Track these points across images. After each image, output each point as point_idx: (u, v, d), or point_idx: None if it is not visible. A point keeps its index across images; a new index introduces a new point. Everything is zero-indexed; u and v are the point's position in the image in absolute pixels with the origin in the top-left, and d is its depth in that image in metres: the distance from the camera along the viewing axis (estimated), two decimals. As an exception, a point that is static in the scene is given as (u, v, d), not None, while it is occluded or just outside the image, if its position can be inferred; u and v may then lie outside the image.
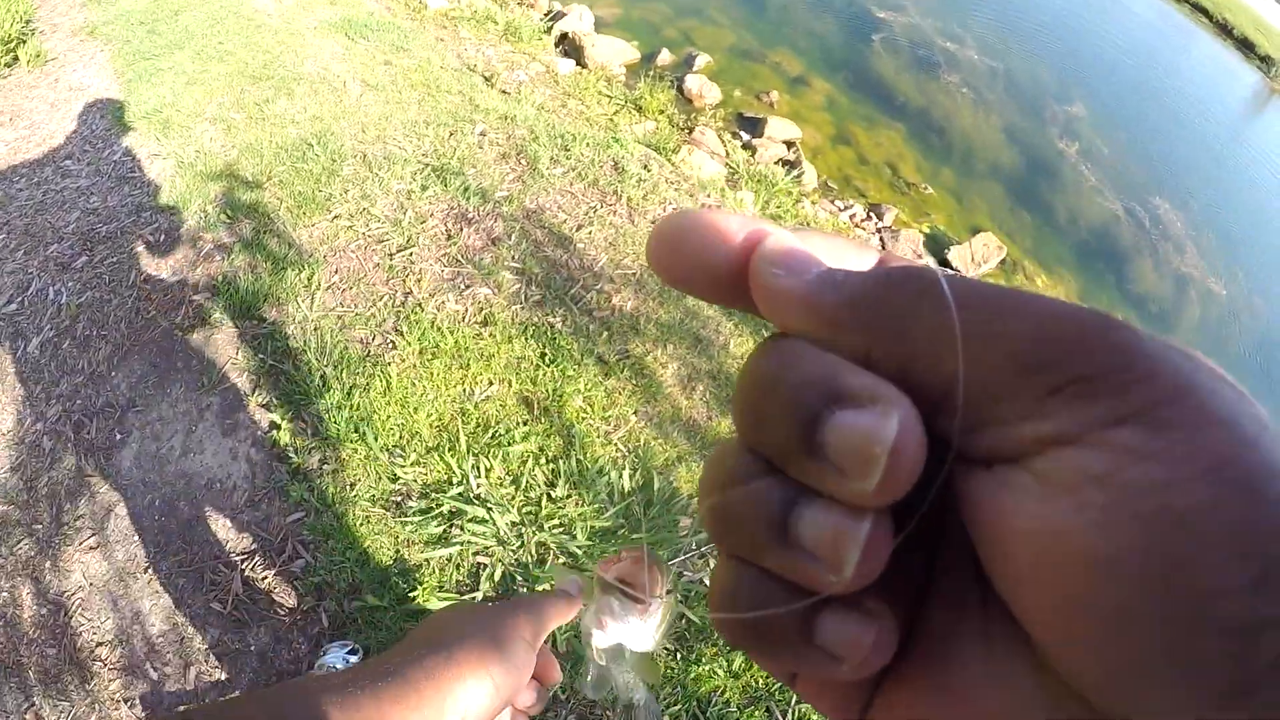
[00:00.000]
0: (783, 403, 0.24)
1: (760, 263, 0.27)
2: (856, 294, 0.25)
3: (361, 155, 4.33)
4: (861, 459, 0.22)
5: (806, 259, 0.27)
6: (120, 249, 3.74)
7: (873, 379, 0.23)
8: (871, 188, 7.43)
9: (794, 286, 0.26)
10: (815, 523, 0.23)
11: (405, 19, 6.44)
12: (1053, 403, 0.21)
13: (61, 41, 5.61)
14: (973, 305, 0.22)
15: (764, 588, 0.25)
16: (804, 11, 11.13)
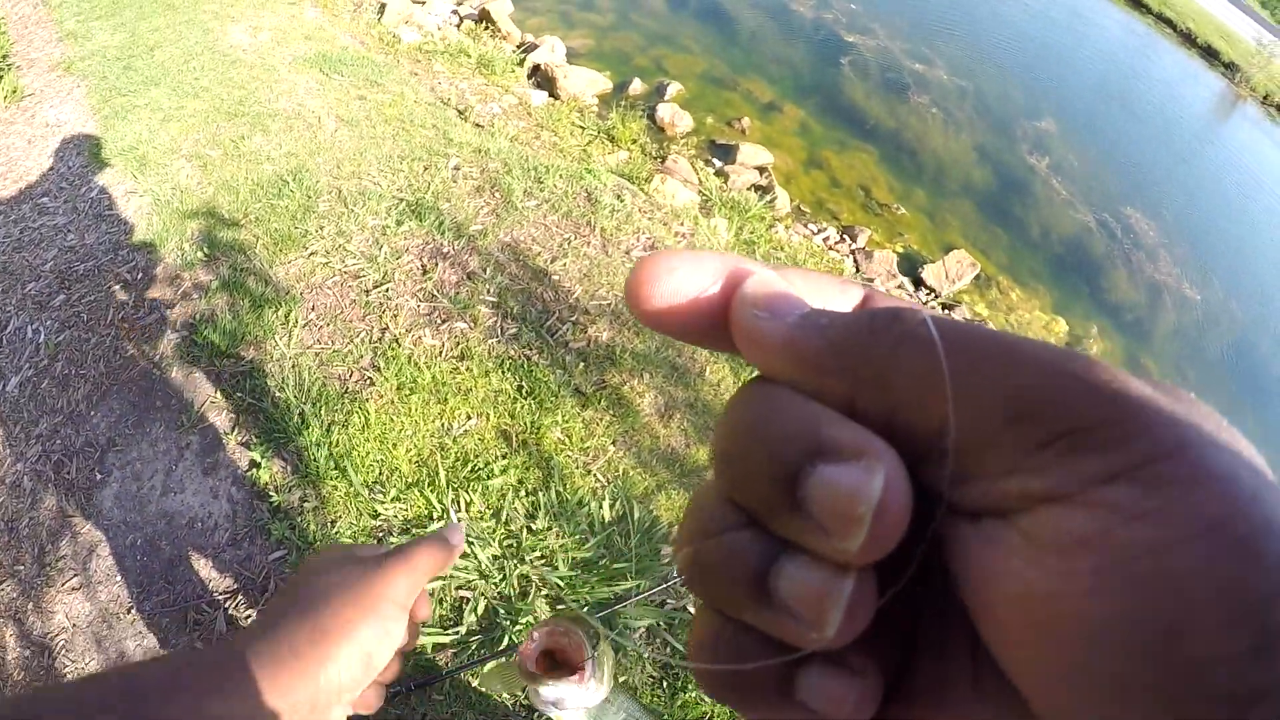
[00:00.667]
0: (763, 455, 0.24)
1: (741, 305, 0.27)
2: (839, 338, 0.24)
3: (337, 191, 4.36)
4: (845, 517, 0.21)
5: (789, 300, 0.26)
6: (98, 287, 3.74)
7: (856, 431, 0.23)
8: (845, 210, 7.51)
9: (775, 330, 0.26)
10: (796, 580, 0.23)
11: (379, 54, 6.48)
12: (1042, 457, 0.20)
13: (38, 77, 5.62)
14: (960, 349, 0.22)
15: (743, 641, 0.25)
16: (774, 38, 11.25)
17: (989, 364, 0.22)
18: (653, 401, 3.58)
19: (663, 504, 3.18)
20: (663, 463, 3.36)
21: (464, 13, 8.59)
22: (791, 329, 0.25)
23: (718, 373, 3.86)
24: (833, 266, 6.12)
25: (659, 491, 3.22)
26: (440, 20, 8.15)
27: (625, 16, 10.36)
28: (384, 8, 7.67)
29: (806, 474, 0.22)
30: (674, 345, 3.89)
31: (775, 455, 0.23)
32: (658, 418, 3.53)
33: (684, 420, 3.56)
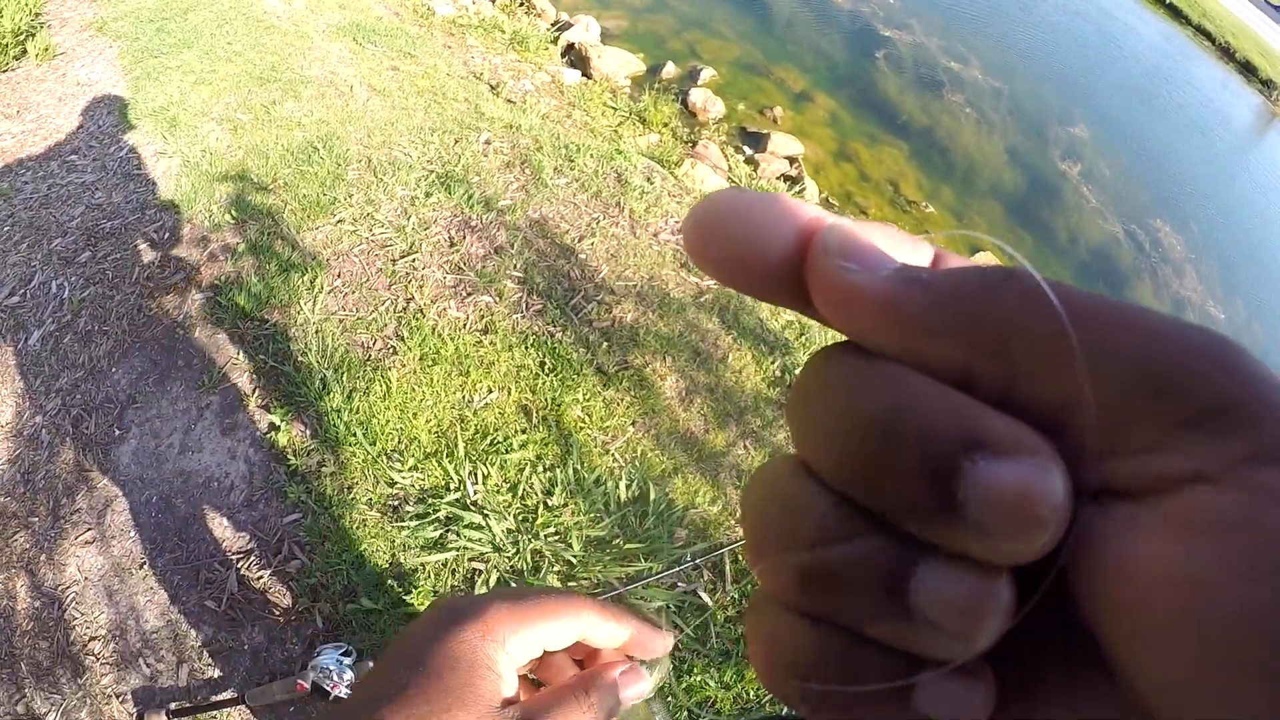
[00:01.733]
0: (907, 451, 0.20)
1: (824, 255, 0.23)
2: (949, 295, 0.21)
3: (367, 160, 4.35)
4: (1021, 519, 0.19)
5: (877, 250, 0.23)
6: (124, 245, 3.75)
7: (1014, 422, 0.20)
8: (872, 205, 7.45)
9: (870, 284, 0.22)
10: (943, 589, 0.20)
11: (413, 25, 6.47)
12: (1186, 435, 0.18)
13: (70, 36, 5.63)
14: (1087, 316, 0.19)
15: (859, 655, 0.22)
16: (809, 28, 11.17)
17: (1121, 334, 0.19)
18: (675, 385, 3.56)
19: (679, 487, 3.16)
20: (682, 446, 3.34)
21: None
22: (889, 284, 0.22)
23: (740, 359, 3.83)
24: None
25: (676, 474, 3.21)
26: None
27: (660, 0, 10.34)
28: (419, -20, 7.68)
29: (965, 472, 0.19)
30: (698, 329, 3.87)
31: (923, 451, 0.20)
32: (679, 401, 3.51)
33: (705, 405, 3.54)
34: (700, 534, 3.02)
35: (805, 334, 4.17)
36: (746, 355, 3.88)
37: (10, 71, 5.16)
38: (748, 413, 3.59)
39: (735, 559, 2.98)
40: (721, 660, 2.71)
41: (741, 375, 3.78)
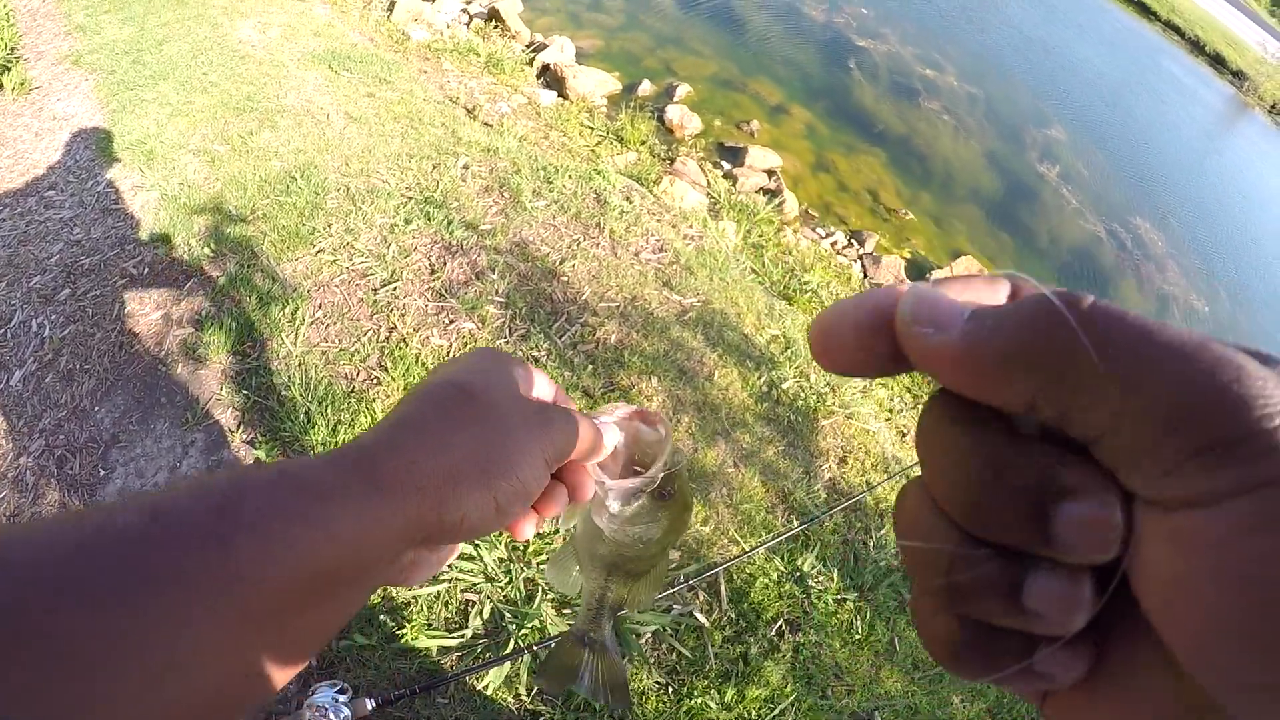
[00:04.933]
0: (1014, 504, 0.27)
1: (904, 325, 0.30)
2: (1010, 346, 0.27)
3: (345, 189, 4.34)
4: (1093, 540, 0.26)
5: (947, 306, 0.29)
6: (104, 282, 3.72)
7: (1085, 472, 0.27)
8: (852, 214, 7.52)
9: (946, 344, 0.28)
10: (1044, 591, 0.28)
11: (388, 51, 6.46)
12: (1191, 465, 0.23)
13: (46, 70, 5.60)
14: (1121, 352, 0.25)
15: (995, 638, 0.30)
16: (783, 40, 11.26)
17: (1149, 367, 0.24)
18: (661, 404, 3.55)
19: (670, 508, 3.14)
20: (671, 466, 3.32)
21: (473, 11, 8.57)
22: (961, 341, 0.28)
23: (727, 376, 3.83)
24: (840, 271, 6.10)
25: (667, 495, 3.18)
26: (449, 18, 8.13)
27: (634, 18, 10.35)
28: (393, 5, 7.65)
29: (1054, 514, 0.27)
30: (683, 348, 3.87)
31: (1021, 502, 0.27)
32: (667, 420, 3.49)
33: (693, 423, 3.53)
34: (694, 554, 3.00)
35: (791, 348, 4.19)
36: (733, 372, 3.87)
37: None
38: (737, 429, 3.58)
39: (730, 578, 2.97)
40: (721, 681, 2.69)
41: (729, 392, 3.77)
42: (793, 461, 3.56)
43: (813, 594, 3.04)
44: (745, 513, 3.21)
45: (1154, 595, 0.26)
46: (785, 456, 3.56)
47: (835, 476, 3.62)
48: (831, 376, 4.09)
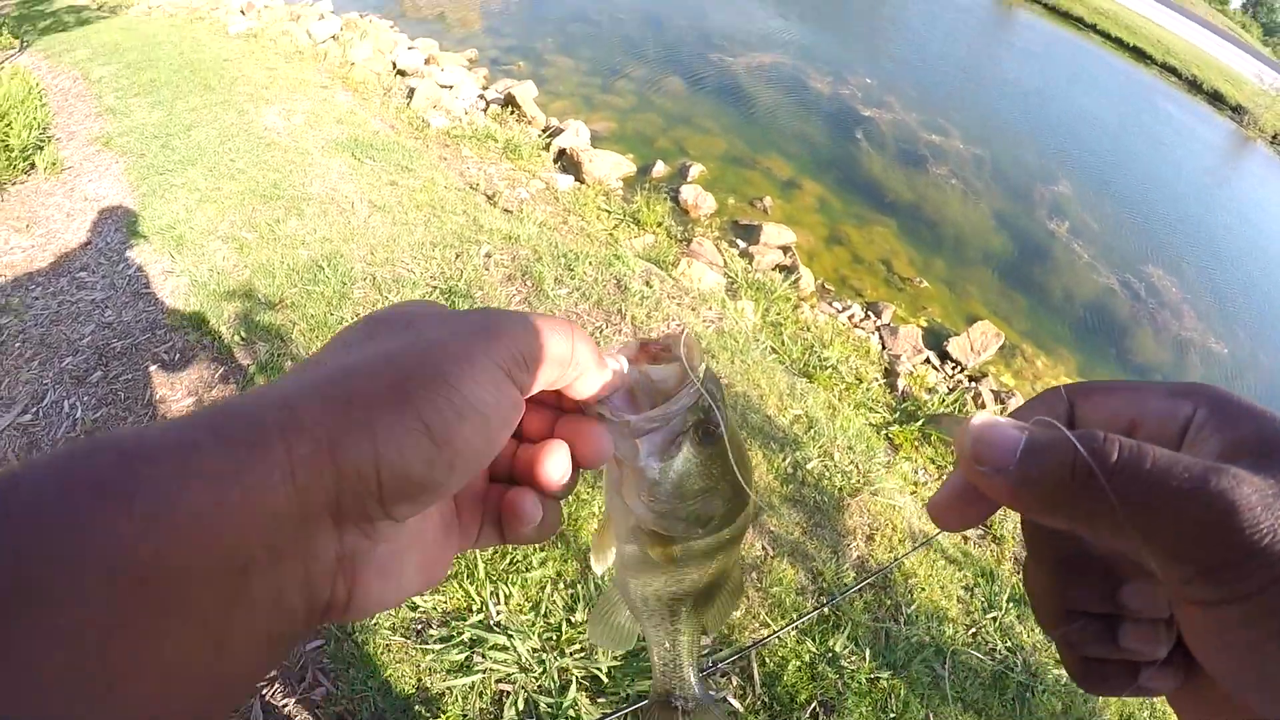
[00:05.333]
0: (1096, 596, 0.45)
1: (968, 464, 0.41)
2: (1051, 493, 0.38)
3: (371, 278, 4.48)
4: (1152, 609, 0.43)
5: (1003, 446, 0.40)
6: (135, 366, 3.83)
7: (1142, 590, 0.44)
8: (868, 286, 7.63)
9: (1001, 484, 0.40)
10: (1134, 636, 0.44)
11: (409, 138, 6.67)
12: (1198, 582, 0.35)
13: (78, 150, 5.80)
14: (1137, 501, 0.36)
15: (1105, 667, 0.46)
16: (791, 114, 11.57)
17: (1161, 515, 0.35)
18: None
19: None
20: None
21: (490, 97, 8.89)
22: (1012, 484, 0.39)
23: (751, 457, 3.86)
24: (858, 345, 6.14)
25: (694, 583, 3.22)
26: (467, 105, 8.41)
27: (645, 99, 10.71)
28: (413, 92, 7.94)
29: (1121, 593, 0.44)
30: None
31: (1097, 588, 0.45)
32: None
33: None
34: (725, 639, 3.05)
35: (814, 427, 4.25)
36: (757, 454, 3.95)
37: (19, 184, 5.31)
38: (763, 512, 3.63)
39: (761, 661, 3.02)
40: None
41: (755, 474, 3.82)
42: (820, 542, 3.60)
43: (845, 674, 3.07)
44: (775, 596, 3.25)
45: (1193, 649, 0.40)
46: (812, 537, 3.61)
47: (864, 554, 3.65)
48: (856, 455, 4.17)
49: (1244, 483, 0.34)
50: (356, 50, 9.62)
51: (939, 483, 4.35)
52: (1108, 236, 10.99)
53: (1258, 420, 0.39)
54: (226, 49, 8.66)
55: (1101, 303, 9.30)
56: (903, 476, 4.39)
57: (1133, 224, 11.97)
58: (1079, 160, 14.11)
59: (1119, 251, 10.62)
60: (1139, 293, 9.67)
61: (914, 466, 4.63)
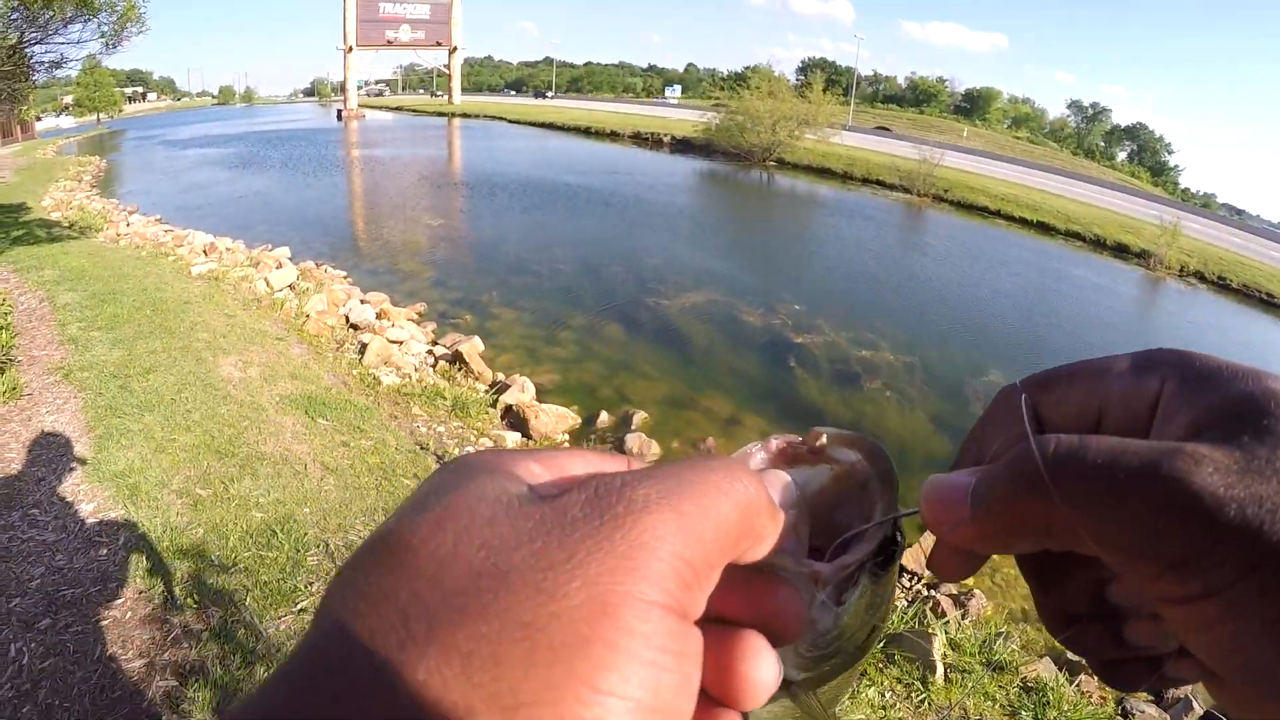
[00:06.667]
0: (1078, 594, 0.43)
1: (933, 528, 0.42)
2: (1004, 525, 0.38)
3: (324, 545, 4.77)
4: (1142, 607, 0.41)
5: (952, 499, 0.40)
6: (86, 618, 3.97)
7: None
8: None
9: (964, 535, 0.39)
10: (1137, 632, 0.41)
11: (361, 395, 7.25)
12: (1165, 578, 0.33)
13: (37, 378, 6.19)
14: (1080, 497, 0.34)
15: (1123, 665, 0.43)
16: (727, 351, 12.47)
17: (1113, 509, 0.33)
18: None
19: None
20: None
21: (439, 353, 9.69)
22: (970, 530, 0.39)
23: None
24: None
25: None
26: (417, 361, 9.17)
27: (586, 347, 11.69)
28: (364, 348, 8.67)
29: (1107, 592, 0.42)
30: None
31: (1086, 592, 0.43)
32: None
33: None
34: None
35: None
36: None
37: None
38: None
39: None
40: None
41: None
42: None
43: None
44: None
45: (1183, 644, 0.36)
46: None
47: None
48: None
49: (1202, 462, 0.32)
50: (311, 302, 10.43)
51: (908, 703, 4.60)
52: None
53: (1227, 383, 0.37)
54: (188, 290, 9.35)
55: None
56: (870, 705, 4.26)
57: None
58: (1006, 346, 15.19)
59: None
60: None
61: (879, 690, 4.43)
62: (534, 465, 0.34)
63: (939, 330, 15.42)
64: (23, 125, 48.84)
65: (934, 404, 11.52)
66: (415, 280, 15.19)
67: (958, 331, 15.69)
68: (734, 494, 0.32)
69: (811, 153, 45.08)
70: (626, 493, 0.30)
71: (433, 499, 0.31)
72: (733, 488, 0.33)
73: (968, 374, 12.89)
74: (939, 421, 10.97)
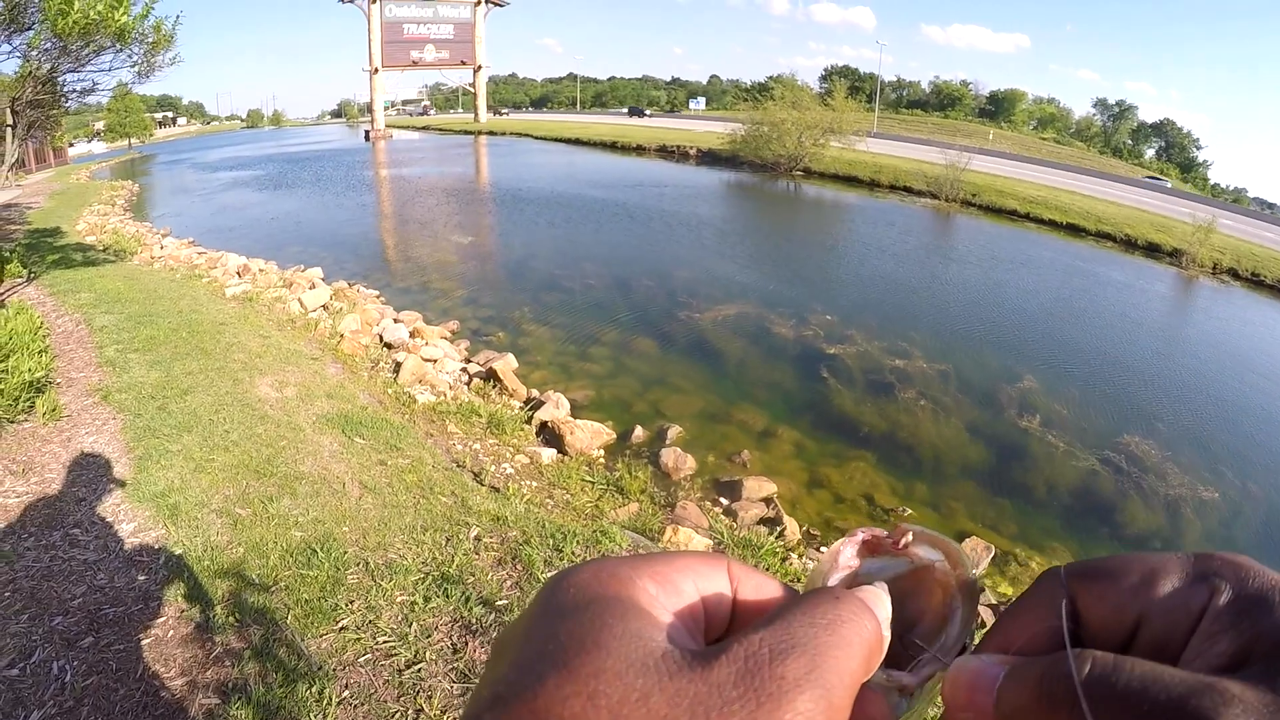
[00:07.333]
0: None
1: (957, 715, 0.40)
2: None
3: (364, 563, 4.74)
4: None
5: (981, 691, 0.39)
6: (128, 636, 3.97)
7: None
8: (853, 524, 7.32)
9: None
10: None
11: (396, 414, 7.23)
12: None
13: (75, 400, 6.23)
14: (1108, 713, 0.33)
15: None
16: (760, 363, 12.48)
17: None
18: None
19: None
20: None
21: (473, 371, 9.72)
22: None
23: None
24: None
25: None
26: (451, 379, 9.20)
27: (620, 363, 11.68)
28: (399, 367, 8.70)
29: None
30: None
31: None
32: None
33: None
34: None
35: None
36: None
37: (17, 424, 5.71)
38: None
39: None
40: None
41: None
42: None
43: None
44: None
45: None
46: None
47: None
48: None
49: (1232, 703, 0.30)
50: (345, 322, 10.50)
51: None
52: (1079, 419, 11.53)
53: (1277, 610, 0.35)
54: (224, 311, 9.42)
55: (1085, 486, 9.64)
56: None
57: (1101, 399, 12.60)
58: (1038, 351, 15.03)
59: (1092, 431, 11.12)
60: (1120, 465, 10.08)
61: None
62: (650, 586, 0.39)
63: (971, 336, 15.38)
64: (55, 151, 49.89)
65: (968, 412, 11.47)
66: (447, 298, 15.31)
67: (990, 337, 15.63)
68: (864, 643, 0.37)
69: (838, 160, 44.97)
70: (776, 669, 0.34)
71: (572, 655, 0.34)
72: (862, 638, 0.37)
73: (1001, 380, 12.79)
74: (973, 428, 10.93)
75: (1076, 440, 10.69)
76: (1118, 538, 8.62)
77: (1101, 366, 14.51)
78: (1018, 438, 10.83)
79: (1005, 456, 10.26)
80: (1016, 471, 9.87)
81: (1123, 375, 14.17)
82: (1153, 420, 11.86)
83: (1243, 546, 8.79)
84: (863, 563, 0.51)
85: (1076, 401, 12.28)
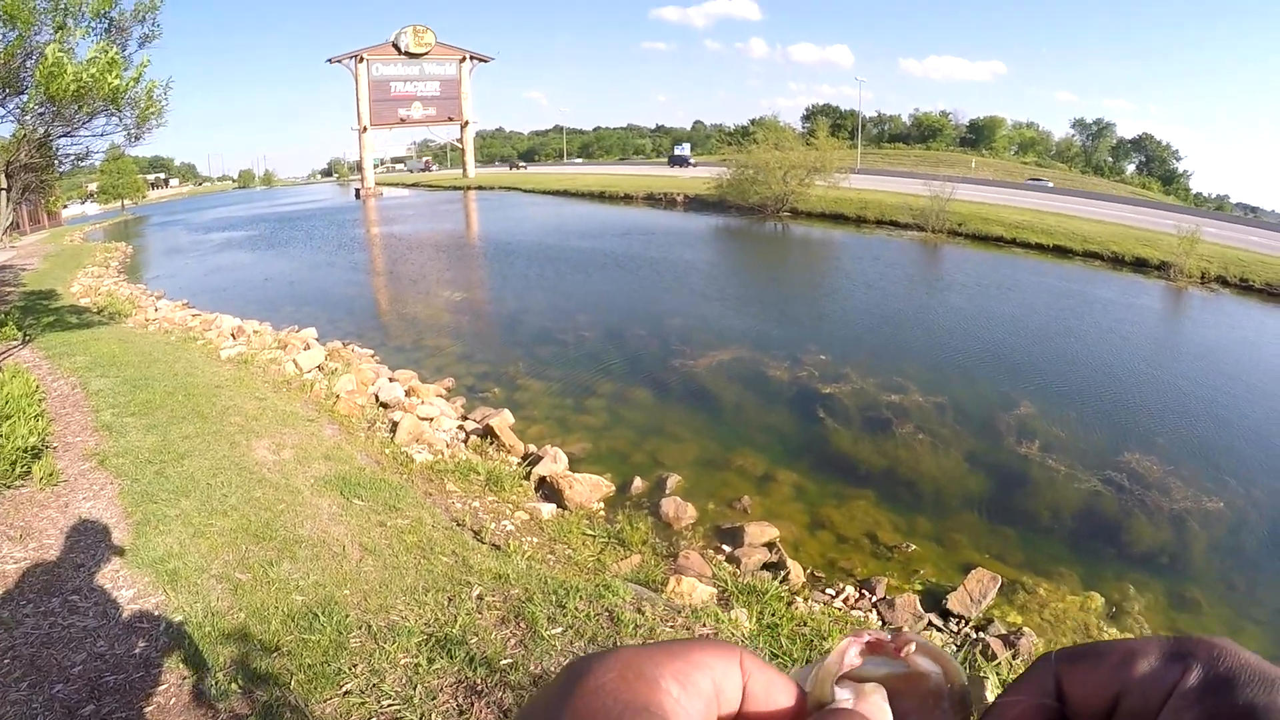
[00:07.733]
0: None
1: None
2: None
3: (366, 626, 4.67)
4: None
5: None
6: (130, 705, 3.91)
7: None
8: (856, 564, 7.90)
9: None
10: None
11: (394, 474, 7.19)
12: None
13: (72, 464, 6.20)
14: None
15: None
16: (756, 407, 12.45)
17: None
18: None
19: None
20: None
21: (469, 428, 9.72)
22: None
23: None
24: (856, 625, 6.20)
25: None
26: (448, 436, 9.21)
27: (616, 414, 11.67)
28: (395, 426, 8.68)
29: None
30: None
31: None
32: None
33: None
34: None
35: None
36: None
37: (14, 489, 5.66)
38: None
39: None
40: None
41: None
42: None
43: None
44: None
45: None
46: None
47: None
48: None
49: None
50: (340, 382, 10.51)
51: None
52: (1078, 441, 11.49)
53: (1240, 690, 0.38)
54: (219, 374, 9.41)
55: (1089, 508, 9.58)
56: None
57: (1098, 419, 12.58)
58: (1032, 375, 15.04)
59: (1092, 451, 11.07)
60: (1122, 484, 10.02)
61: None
62: (674, 688, 0.41)
63: (965, 366, 15.42)
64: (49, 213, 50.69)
65: (967, 442, 11.43)
66: (442, 355, 15.38)
67: (984, 365, 15.69)
68: None
69: (824, 199, 45.15)
70: None
71: None
72: None
73: (998, 408, 12.79)
74: (973, 458, 10.89)
75: (1077, 462, 10.68)
76: (1125, 558, 8.57)
77: (1096, 386, 14.55)
78: (1018, 464, 10.81)
79: (1007, 484, 10.23)
80: (1019, 499, 9.85)
81: (1118, 392, 14.22)
82: (1151, 435, 11.88)
83: (1251, 553, 8.83)
84: (864, 661, 0.52)
85: (1074, 423, 12.30)
